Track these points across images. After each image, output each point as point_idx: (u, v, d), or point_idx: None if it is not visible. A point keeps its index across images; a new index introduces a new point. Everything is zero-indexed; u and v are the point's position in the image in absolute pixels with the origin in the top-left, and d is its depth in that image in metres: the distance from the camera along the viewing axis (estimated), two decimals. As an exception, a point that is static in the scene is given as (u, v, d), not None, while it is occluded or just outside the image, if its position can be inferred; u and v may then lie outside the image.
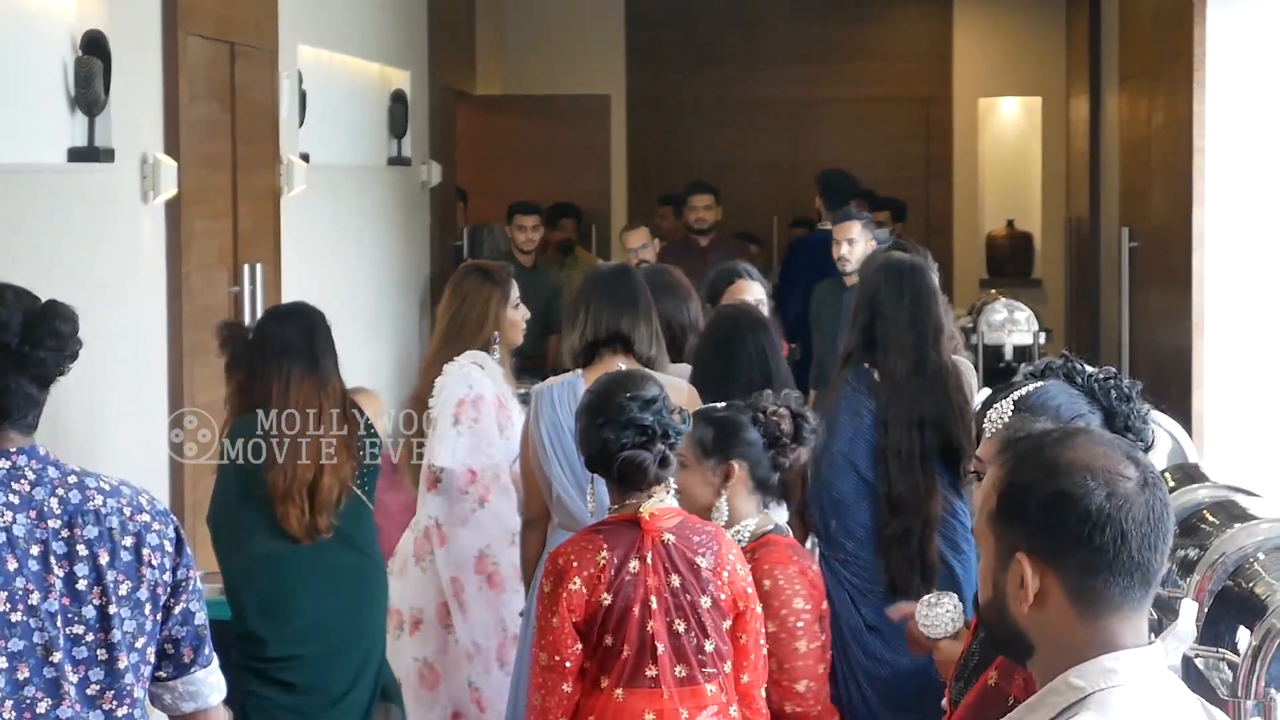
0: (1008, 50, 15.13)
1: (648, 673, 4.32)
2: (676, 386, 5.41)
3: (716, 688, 4.36)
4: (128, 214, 6.48)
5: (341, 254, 9.40)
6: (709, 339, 6.03)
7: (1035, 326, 11.29)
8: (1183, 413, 8.68)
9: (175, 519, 3.31)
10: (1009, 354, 11.18)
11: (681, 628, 4.32)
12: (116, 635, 3.16)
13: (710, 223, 10.98)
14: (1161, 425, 6.52)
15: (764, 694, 4.45)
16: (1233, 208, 9.14)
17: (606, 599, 4.30)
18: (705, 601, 4.33)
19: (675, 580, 4.32)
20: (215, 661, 3.36)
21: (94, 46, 6.06)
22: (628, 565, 4.31)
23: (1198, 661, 4.26)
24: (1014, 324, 11.30)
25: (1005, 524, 2.31)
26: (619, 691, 4.33)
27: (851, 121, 14.91)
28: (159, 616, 3.24)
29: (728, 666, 4.38)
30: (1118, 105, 11.94)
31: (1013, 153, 15.25)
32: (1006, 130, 15.36)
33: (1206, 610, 4.52)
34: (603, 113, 14.49)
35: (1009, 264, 14.84)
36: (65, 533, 3.14)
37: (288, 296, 8.09)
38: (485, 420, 5.92)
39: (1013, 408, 3.23)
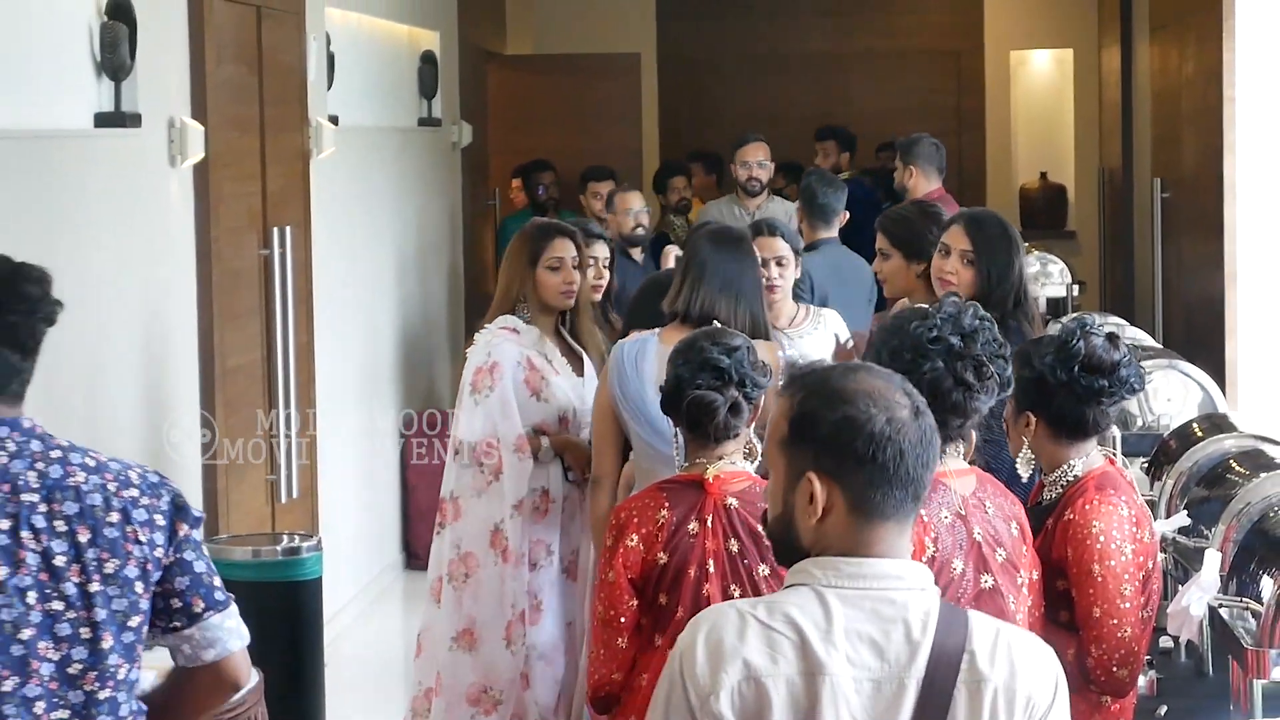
0: (1039, 2, 15.05)
1: None
2: (762, 345, 5.42)
3: None
4: (155, 178, 6.50)
5: (372, 216, 9.41)
6: None
7: (1068, 279, 11.24)
8: (1215, 362, 8.65)
9: (173, 488, 3.22)
10: (1043, 306, 11.12)
11: (737, 593, 4.30)
12: (101, 614, 3.08)
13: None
14: (1191, 375, 6.50)
15: None
16: (1264, 156, 9.10)
17: (663, 558, 4.32)
18: (763, 569, 4.33)
19: (734, 545, 4.33)
20: (234, 607, 3.25)
21: (119, 11, 6.07)
22: (687, 526, 4.33)
23: (1222, 611, 4.25)
24: (1047, 276, 11.23)
25: (795, 447, 2.65)
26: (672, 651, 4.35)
27: (883, 74, 14.85)
28: (154, 591, 3.15)
29: None
30: (1149, 55, 11.88)
31: (1045, 104, 15.17)
32: (1038, 82, 15.28)
33: (1231, 560, 4.51)
34: (633, 70, 14.44)
35: (1043, 216, 14.78)
36: (43, 507, 3.06)
37: (318, 259, 8.13)
38: (501, 388, 5.86)
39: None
